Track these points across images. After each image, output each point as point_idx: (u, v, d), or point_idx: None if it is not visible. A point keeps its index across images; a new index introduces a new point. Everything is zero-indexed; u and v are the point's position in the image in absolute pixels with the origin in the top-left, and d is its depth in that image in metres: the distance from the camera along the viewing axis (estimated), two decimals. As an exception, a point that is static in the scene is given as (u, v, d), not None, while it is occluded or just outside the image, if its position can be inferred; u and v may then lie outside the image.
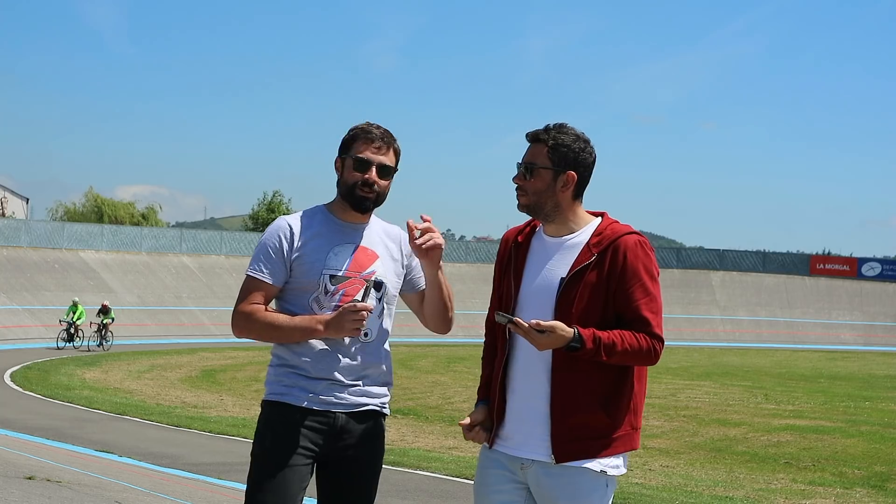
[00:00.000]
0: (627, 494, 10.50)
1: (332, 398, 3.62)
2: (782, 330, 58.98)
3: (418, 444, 14.98)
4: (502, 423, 3.53)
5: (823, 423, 17.78)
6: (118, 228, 54.21)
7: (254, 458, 3.66)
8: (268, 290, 3.64)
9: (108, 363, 29.87)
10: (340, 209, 3.72)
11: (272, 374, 3.69)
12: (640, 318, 3.42)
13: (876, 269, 63.78)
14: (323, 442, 3.63)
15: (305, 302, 3.63)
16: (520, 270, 3.53)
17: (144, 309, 46.69)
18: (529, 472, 3.46)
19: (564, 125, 3.52)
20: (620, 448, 3.45)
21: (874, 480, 12.39)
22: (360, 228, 3.72)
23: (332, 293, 3.63)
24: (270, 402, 3.67)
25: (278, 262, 3.63)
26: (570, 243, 3.50)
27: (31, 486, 7.39)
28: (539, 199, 3.49)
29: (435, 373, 28.06)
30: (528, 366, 3.47)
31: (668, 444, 15.46)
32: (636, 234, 3.52)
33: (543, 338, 3.31)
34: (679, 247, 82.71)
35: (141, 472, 11.25)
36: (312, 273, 3.62)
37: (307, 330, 3.57)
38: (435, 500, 10.38)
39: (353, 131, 3.70)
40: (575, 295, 3.41)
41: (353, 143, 3.68)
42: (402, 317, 19.93)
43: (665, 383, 26.15)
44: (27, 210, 68.20)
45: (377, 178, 3.66)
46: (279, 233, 3.66)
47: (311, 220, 3.70)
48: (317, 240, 3.65)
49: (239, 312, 3.65)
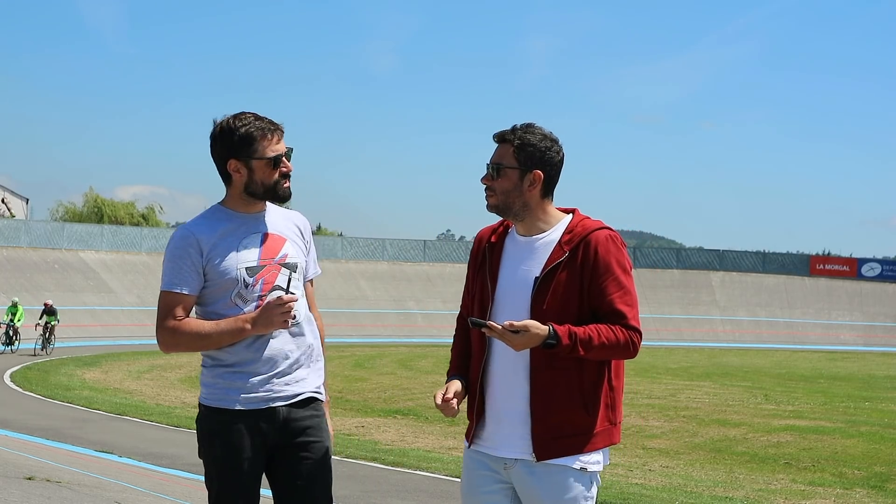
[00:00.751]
0: (627, 494, 10.50)
1: (270, 392, 3.63)
2: (782, 330, 59.01)
3: (418, 444, 14.98)
4: (483, 423, 3.57)
5: (823, 424, 17.78)
6: (118, 229, 54.24)
7: (207, 465, 3.70)
8: (186, 301, 3.62)
9: (108, 363, 29.87)
10: (240, 204, 3.70)
11: (207, 375, 3.69)
12: (616, 311, 3.44)
13: (876, 270, 63.81)
14: (269, 437, 3.65)
15: (228, 299, 3.62)
16: (495, 271, 3.57)
17: (144, 309, 46.71)
18: (513, 472, 3.50)
19: (532, 125, 3.56)
20: (600, 444, 3.50)
21: (874, 481, 12.39)
22: (261, 217, 3.72)
23: (252, 284, 3.63)
24: (210, 408, 3.67)
25: (191, 272, 3.61)
26: (542, 242, 3.54)
27: (31, 487, 7.39)
28: (507, 198, 3.53)
29: (435, 373, 28.04)
30: (507, 366, 3.50)
31: (668, 444, 15.46)
32: (607, 228, 3.54)
33: (518, 338, 3.33)
34: (679, 247, 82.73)
35: (141, 472, 11.25)
36: (229, 271, 3.61)
37: (235, 331, 3.57)
38: (435, 500, 10.38)
39: (244, 128, 3.61)
40: (549, 292, 3.44)
41: (253, 143, 3.62)
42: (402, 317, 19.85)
43: (665, 383, 26.16)
44: (27, 210, 68.21)
45: (291, 165, 3.71)
46: (184, 242, 3.64)
47: (213, 220, 3.69)
48: (225, 238, 3.65)
49: (163, 329, 3.63)
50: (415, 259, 58.71)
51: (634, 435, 16.30)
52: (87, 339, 41.04)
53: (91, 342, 39.84)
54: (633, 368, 32.23)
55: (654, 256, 64.22)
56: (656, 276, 61.28)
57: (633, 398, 21.88)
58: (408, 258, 58.59)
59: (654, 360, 37.59)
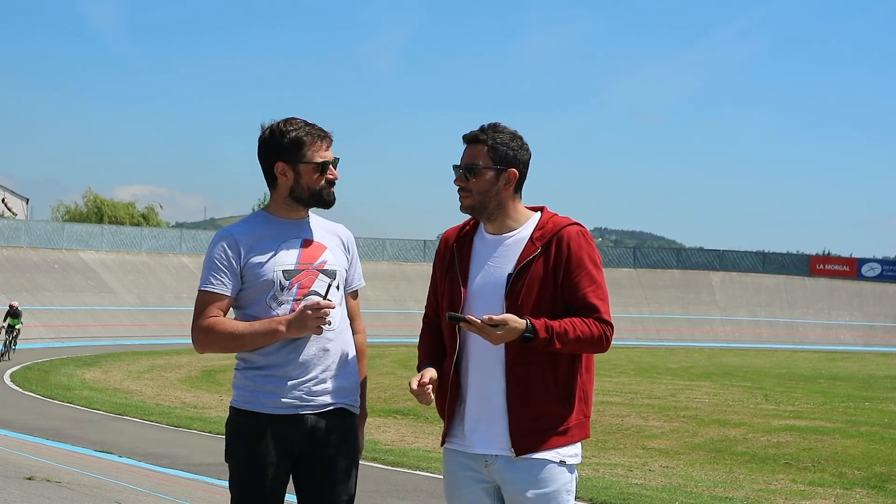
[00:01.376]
0: (627, 495, 10.50)
1: (300, 400, 3.62)
2: (782, 330, 59.00)
3: (418, 445, 14.98)
4: (459, 421, 3.58)
5: (823, 424, 17.77)
6: (118, 229, 54.23)
7: (231, 467, 3.70)
8: (222, 301, 3.64)
9: (108, 363, 29.86)
10: (283, 209, 3.73)
11: (239, 378, 3.70)
12: (589, 304, 3.48)
13: (876, 270, 63.81)
14: (295, 444, 3.64)
15: (263, 302, 3.64)
16: (465, 269, 3.58)
17: (144, 309, 46.72)
18: (494, 468, 3.51)
19: (499, 125, 3.61)
20: (576, 437, 3.54)
21: (874, 481, 12.39)
22: (303, 223, 3.75)
23: (288, 287, 3.64)
24: (238, 410, 3.68)
25: (229, 273, 3.64)
26: (513, 239, 3.57)
27: (30, 486, 7.38)
28: (483, 198, 3.56)
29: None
30: (482, 363, 3.52)
31: (668, 444, 15.45)
32: (577, 224, 3.59)
33: (497, 332, 3.35)
34: (679, 247, 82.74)
35: (141, 472, 11.25)
36: (265, 273, 3.63)
37: (269, 333, 3.58)
38: (435, 500, 10.38)
39: (295, 132, 3.66)
40: (522, 288, 3.47)
41: (302, 147, 3.66)
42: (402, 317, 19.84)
43: (665, 383, 26.15)
44: (27, 210, 68.20)
45: (337, 174, 3.73)
46: (224, 244, 3.66)
47: (254, 224, 3.72)
48: (264, 242, 3.66)
49: (198, 328, 3.64)
50: (415, 259, 58.72)
51: (634, 435, 16.30)
52: (87, 339, 41.03)
53: (91, 342, 39.82)
54: (634, 368, 32.25)
55: (654, 256, 64.23)
56: (656, 276, 61.27)
57: (633, 398, 21.87)
58: (408, 258, 58.61)
59: (654, 360, 37.58)
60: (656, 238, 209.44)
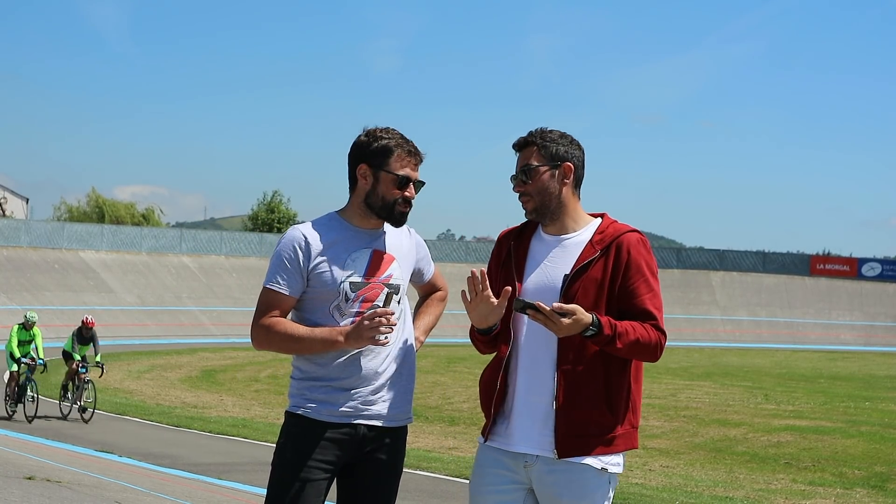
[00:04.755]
0: (627, 494, 10.50)
1: (355, 410, 3.60)
2: (782, 330, 59.00)
3: (418, 445, 14.98)
4: (504, 418, 3.52)
5: (823, 424, 17.78)
6: (118, 228, 54.22)
7: (273, 469, 3.65)
8: (286, 302, 3.60)
9: (107, 363, 29.80)
10: (357, 216, 3.66)
11: (294, 387, 3.66)
12: (646, 311, 3.46)
13: (876, 270, 63.81)
14: (343, 453, 3.61)
15: (326, 310, 3.59)
16: (521, 268, 3.54)
17: (144, 309, 46.72)
18: (533, 469, 3.46)
19: (546, 128, 3.60)
20: (622, 446, 3.47)
21: (874, 480, 12.39)
22: (376, 234, 3.68)
23: (353, 300, 3.59)
24: (292, 415, 3.65)
25: (295, 274, 3.58)
26: (572, 241, 3.53)
27: (31, 486, 7.38)
28: (543, 198, 3.52)
29: (435, 373, 28.02)
30: (533, 361, 3.47)
31: (668, 444, 15.46)
32: (638, 232, 3.58)
33: (565, 321, 3.30)
34: (679, 247, 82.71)
35: (141, 472, 11.25)
36: (332, 282, 3.57)
37: (328, 342, 3.52)
38: (435, 500, 10.39)
39: (386, 140, 3.62)
40: (579, 290, 3.43)
41: (389, 156, 3.61)
42: (402, 317, 19.18)
43: (665, 383, 26.15)
44: (27, 210, 68.22)
45: (415, 194, 3.66)
46: (294, 243, 3.59)
47: (326, 228, 3.64)
48: (334, 248, 3.60)
49: (259, 326, 3.60)
50: (415, 259, 58.80)
51: (634, 435, 16.32)
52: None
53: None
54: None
55: (655, 256, 64.26)
56: (656, 276, 61.27)
57: (634, 398, 21.90)
58: (408, 258, 58.68)
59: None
60: (656, 238, 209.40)
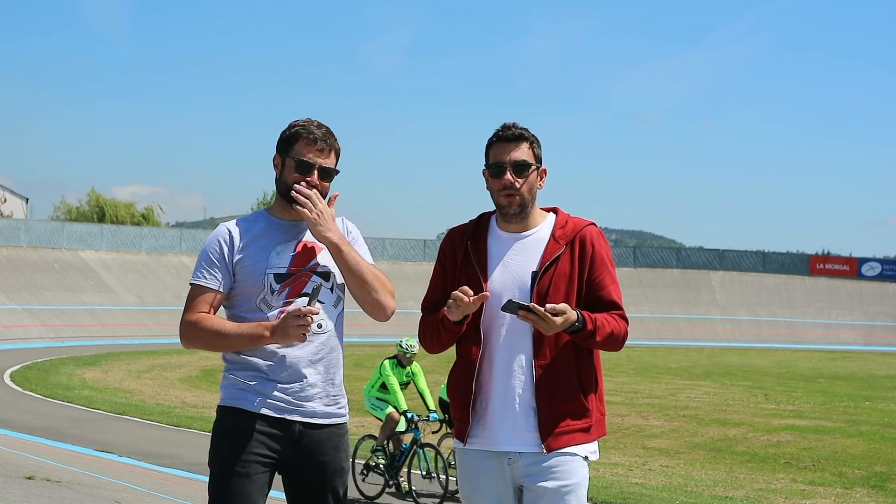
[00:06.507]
0: (627, 494, 10.50)
1: (287, 403, 3.56)
2: (782, 330, 58.97)
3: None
4: (482, 420, 3.53)
5: (823, 423, 17.78)
6: (118, 228, 54.22)
7: (212, 467, 3.60)
8: (213, 297, 3.60)
9: (108, 363, 29.86)
10: (280, 208, 3.69)
11: (227, 378, 3.64)
12: (612, 301, 3.54)
13: (876, 269, 63.78)
14: (281, 448, 3.57)
15: (253, 303, 3.59)
16: (483, 267, 3.55)
17: (144, 309, 46.70)
18: (516, 465, 3.49)
19: (520, 125, 3.60)
20: (596, 434, 3.56)
21: (874, 480, 12.40)
22: (302, 225, 3.67)
23: (279, 291, 3.59)
24: (225, 408, 3.61)
25: (221, 268, 3.60)
26: (532, 238, 3.57)
27: (31, 486, 7.38)
28: (529, 197, 3.56)
29: (435, 373, 27.97)
30: (508, 361, 3.51)
31: (668, 444, 15.46)
32: (594, 224, 3.63)
33: (558, 320, 3.34)
34: (679, 247, 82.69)
35: (141, 472, 11.26)
36: (256, 275, 3.58)
37: (254, 337, 3.52)
38: (434, 500, 10.39)
39: (293, 129, 3.64)
40: (550, 285, 3.48)
41: (294, 142, 3.62)
42: (402, 317, 19.58)
43: (665, 383, 26.16)
44: (27, 210, 68.20)
45: (319, 181, 3.63)
46: (219, 238, 3.63)
47: (251, 223, 3.67)
48: (258, 241, 3.62)
49: (185, 322, 3.59)
50: (415, 259, 58.74)
51: (634, 435, 16.30)
52: (87, 338, 41.02)
53: (91, 342, 39.81)
54: (634, 368, 32.23)
55: (654, 256, 64.22)
56: (656, 276, 61.26)
57: (633, 398, 21.88)
58: (408, 258, 58.62)
59: (654, 359, 37.57)
60: (656, 237, 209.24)
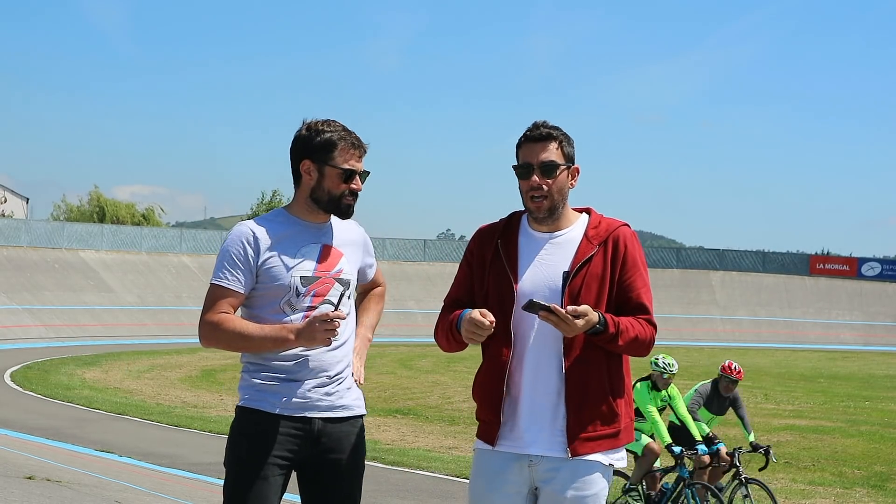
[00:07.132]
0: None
1: (307, 402, 3.55)
2: (782, 330, 58.97)
3: (418, 444, 14.99)
4: (511, 421, 3.47)
5: (823, 423, 17.78)
6: (118, 228, 54.22)
7: (228, 468, 3.59)
8: (233, 297, 3.55)
9: (108, 363, 29.85)
10: (304, 210, 3.65)
11: (246, 379, 3.61)
12: (641, 305, 3.48)
13: (876, 269, 63.77)
14: (299, 448, 3.57)
15: (277, 305, 3.56)
16: (514, 267, 3.49)
17: (144, 309, 46.71)
18: (537, 469, 3.43)
19: (551, 124, 3.55)
20: (624, 440, 3.50)
21: (874, 480, 12.40)
22: (324, 228, 3.66)
23: (304, 294, 3.56)
24: (244, 409, 3.59)
25: (244, 270, 3.54)
26: (564, 238, 3.50)
27: (31, 486, 7.39)
28: (559, 198, 3.49)
29: (435, 373, 28.03)
30: (538, 362, 3.44)
31: (668, 443, 15.43)
32: (628, 226, 3.57)
33: (579, 322, 3.29)
34: (679, 247, 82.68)
35: (141, 472, 11.26)
36: (282, 277, 3.54)
37: (278, 340, 3.48)
38: (435, 499, 10.40)
39: (329, 134, 3.59)
40: (582, 286, 3.41)
41: (332, 150, 3.58)
42: (402, 316, 19.88)
43: (665, 383, 26.10)
44: (27, 210, 68.20)
45: (361, 186, 3.64)
46: (242, 239, 3.56)
47: (274, 224, 3.62)
48: (283, 243, 3.58)
49: (206, 323, 3.55)
50: (415, 259, 58.73)
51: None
52: (87, 338, 41.01)
53: (91, 342, 39.80)
54: (634, 368, 32.04)
55: (654, 256, 64.19)
56: (656, 276, 61.21)
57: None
58: (408, 258, 58.60)
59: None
60: (656, 237, 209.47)
